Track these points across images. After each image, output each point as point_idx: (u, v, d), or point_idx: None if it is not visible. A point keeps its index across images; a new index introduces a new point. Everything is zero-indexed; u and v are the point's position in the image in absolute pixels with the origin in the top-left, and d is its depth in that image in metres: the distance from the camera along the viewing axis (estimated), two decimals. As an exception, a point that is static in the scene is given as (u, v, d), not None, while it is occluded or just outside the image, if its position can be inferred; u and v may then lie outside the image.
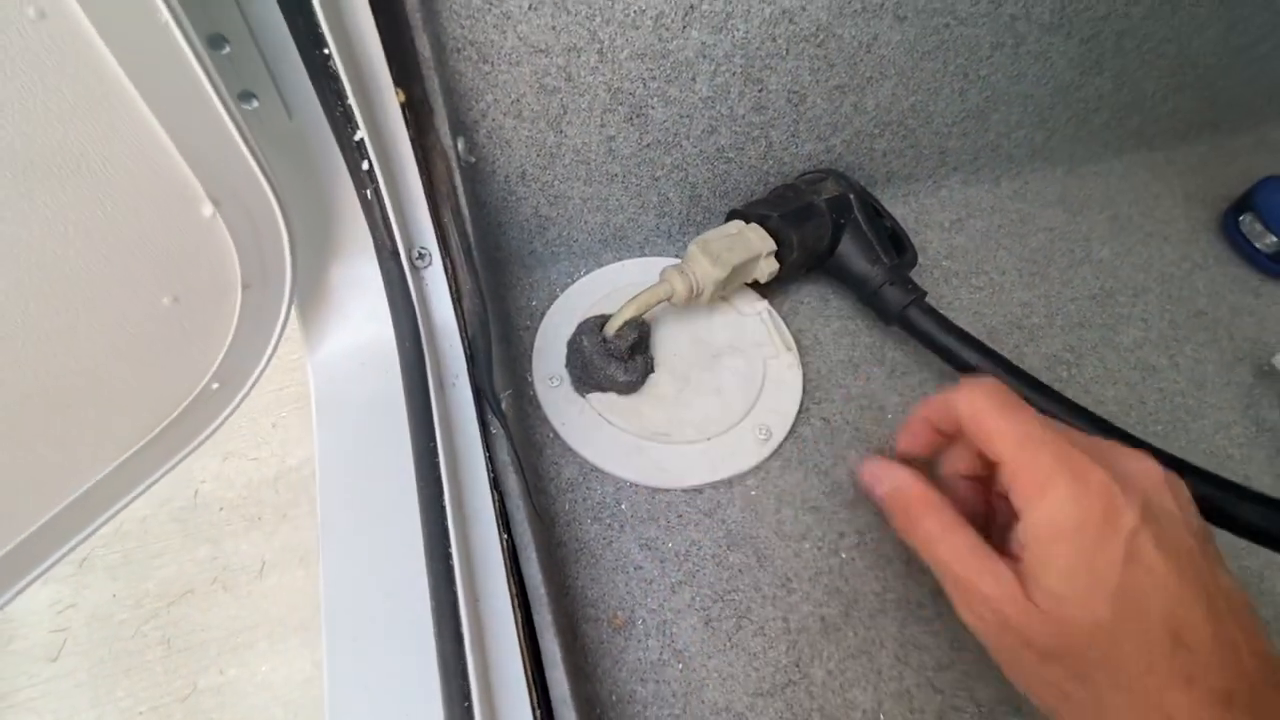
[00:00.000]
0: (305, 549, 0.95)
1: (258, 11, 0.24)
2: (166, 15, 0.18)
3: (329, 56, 0.24)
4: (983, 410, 0.26)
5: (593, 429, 0.37)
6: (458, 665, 0.23)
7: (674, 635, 0.31)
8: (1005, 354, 0.36)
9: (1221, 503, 0.29)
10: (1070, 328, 0.45)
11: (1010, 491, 0.25)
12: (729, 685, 0.30)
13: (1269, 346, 0.45)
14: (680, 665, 0.31)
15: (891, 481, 0.28)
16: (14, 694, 0.83)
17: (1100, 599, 0.22)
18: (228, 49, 0.24)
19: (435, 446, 0.28)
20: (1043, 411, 0.30)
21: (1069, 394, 0.34)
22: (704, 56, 0.36)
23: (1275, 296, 0.49)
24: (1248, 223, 0.50)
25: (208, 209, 0.22)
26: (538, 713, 0.24)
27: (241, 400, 0.28)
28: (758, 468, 0.36)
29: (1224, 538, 0.36)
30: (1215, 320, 0.47)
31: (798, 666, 0.31)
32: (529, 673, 0.25)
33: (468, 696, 0.23)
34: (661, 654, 0.31)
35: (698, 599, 0.32)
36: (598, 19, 0.32)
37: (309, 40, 0.24)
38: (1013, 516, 0.25)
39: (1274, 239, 0.49)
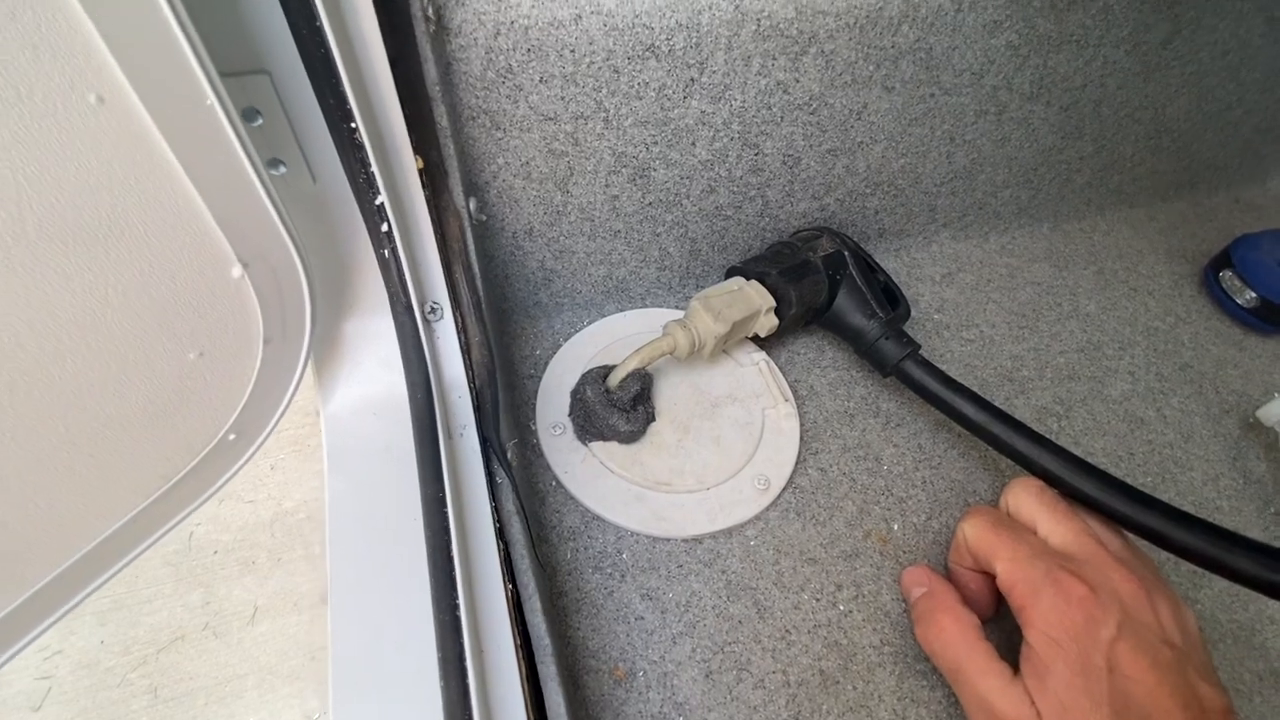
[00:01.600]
0: (299, 594, 0.94)
1: (290, 88, 0.25)
2: (212, 98, 0.20)
3: (355, 129, 0.26)
4: (983, 529, 0.31)
5: (595, 477, 0.37)
6: (463, 717, 0.24)
7: (675, 688, 0.31)
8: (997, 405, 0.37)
9: (1219, 552, 0.30)
10: (1059, 380, 0.46)
11: (1008, 599, 0.28)
12: (730, 739, 0.30)
13: (1254, 400, 0.46)
14: (681, 719, 0.31)
15: (927, 588, 0.32)
16: (-7, 745, 0.81)
17: (1103, 707, 0.24)
18: (260, 121, 0.26)
19: (444, 496, 0.29)
20: (1039, 467, 0.32)
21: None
22: (703, 124, 0.38)
23: (1258, 350, 0.51)
24: (1227, 279, 0.52)
25: (237, 270, 0.24)
26: (541, 766, 0.24)
27: (256, 450, 0.29)
28: (757, 518, 0.37)
29: (1219, 587, 0.36)
30: (1200, 373, 0.48)
31: (798, 720, 0.31)
32: (532, 725, 0.25)
33: (472, 749, 0.23)
34: (662, 707, 0.31)
35: (698, 651, 0.32)
36: (604, 90, 0.34)
37: (337, 115, 0.26)
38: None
39: (1253, 295, 0.51)
